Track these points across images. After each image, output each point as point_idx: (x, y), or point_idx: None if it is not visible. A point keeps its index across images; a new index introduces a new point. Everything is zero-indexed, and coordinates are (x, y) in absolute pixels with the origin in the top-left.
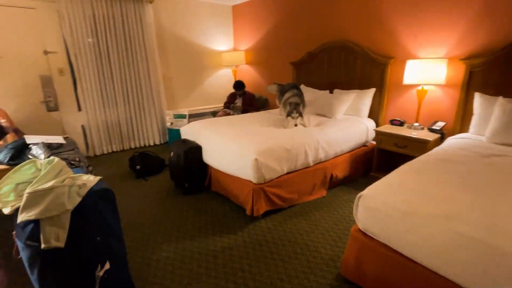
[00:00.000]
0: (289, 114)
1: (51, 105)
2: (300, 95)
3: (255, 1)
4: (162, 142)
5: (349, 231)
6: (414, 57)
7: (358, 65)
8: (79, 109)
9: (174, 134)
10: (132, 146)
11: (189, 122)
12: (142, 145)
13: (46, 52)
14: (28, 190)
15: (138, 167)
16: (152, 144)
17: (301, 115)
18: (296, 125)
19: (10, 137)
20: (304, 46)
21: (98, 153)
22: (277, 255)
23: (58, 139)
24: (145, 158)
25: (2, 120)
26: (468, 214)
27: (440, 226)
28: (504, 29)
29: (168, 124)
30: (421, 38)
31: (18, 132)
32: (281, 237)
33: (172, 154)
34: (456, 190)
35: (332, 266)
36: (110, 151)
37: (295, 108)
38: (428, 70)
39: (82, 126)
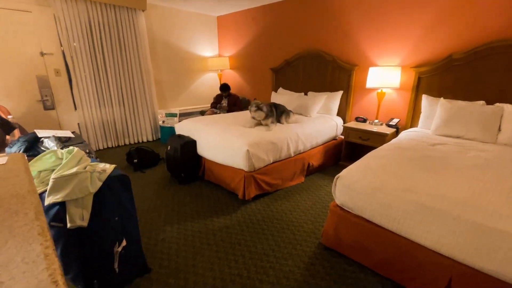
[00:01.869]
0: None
1: (48, 104)
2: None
3: (238, 14)
4: (154, 139)
5: (325, 209)
6: (374, 64)
7: (329, 71)
8: (75, 108)
9: (166, 131)
10: (127, 143)
11: (179, 120)
12: (136, 141)
13: (42, 54)
14: (54, 175)
15: (135, 160)
16: (145, 140)
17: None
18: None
19: (17, 132)
20: (282, 54)
21: (94, 148)
22: (267, 231)
23: (67, 133)
24: (141, 152)
25: (9, 116)
26: (421, 187)
27: (401, 198)
28: (443, 45)
29: (160, 122)
30: (380, 49)
31: (21, 128)
32: (269, 216)
33: (169, 148)
34: (411, 170)
35: (314, 237)
36: (105, 146)
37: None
38: (385, 76)
39: (78, 124)
